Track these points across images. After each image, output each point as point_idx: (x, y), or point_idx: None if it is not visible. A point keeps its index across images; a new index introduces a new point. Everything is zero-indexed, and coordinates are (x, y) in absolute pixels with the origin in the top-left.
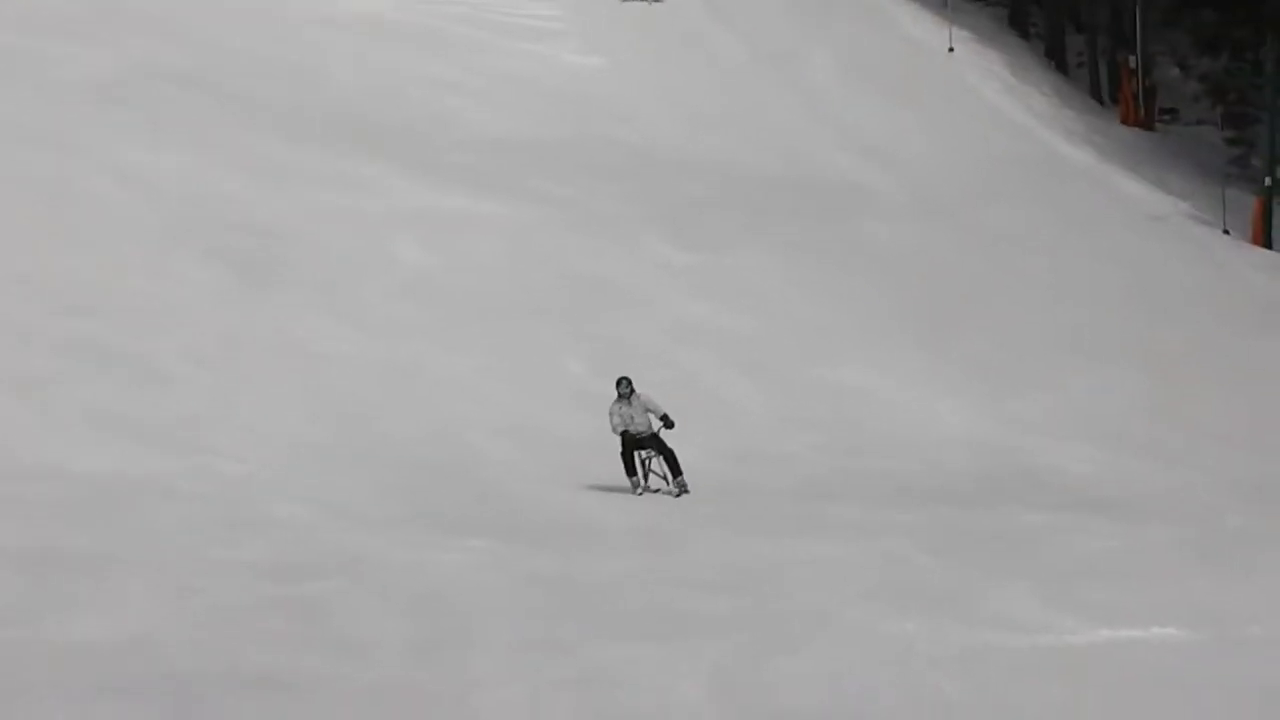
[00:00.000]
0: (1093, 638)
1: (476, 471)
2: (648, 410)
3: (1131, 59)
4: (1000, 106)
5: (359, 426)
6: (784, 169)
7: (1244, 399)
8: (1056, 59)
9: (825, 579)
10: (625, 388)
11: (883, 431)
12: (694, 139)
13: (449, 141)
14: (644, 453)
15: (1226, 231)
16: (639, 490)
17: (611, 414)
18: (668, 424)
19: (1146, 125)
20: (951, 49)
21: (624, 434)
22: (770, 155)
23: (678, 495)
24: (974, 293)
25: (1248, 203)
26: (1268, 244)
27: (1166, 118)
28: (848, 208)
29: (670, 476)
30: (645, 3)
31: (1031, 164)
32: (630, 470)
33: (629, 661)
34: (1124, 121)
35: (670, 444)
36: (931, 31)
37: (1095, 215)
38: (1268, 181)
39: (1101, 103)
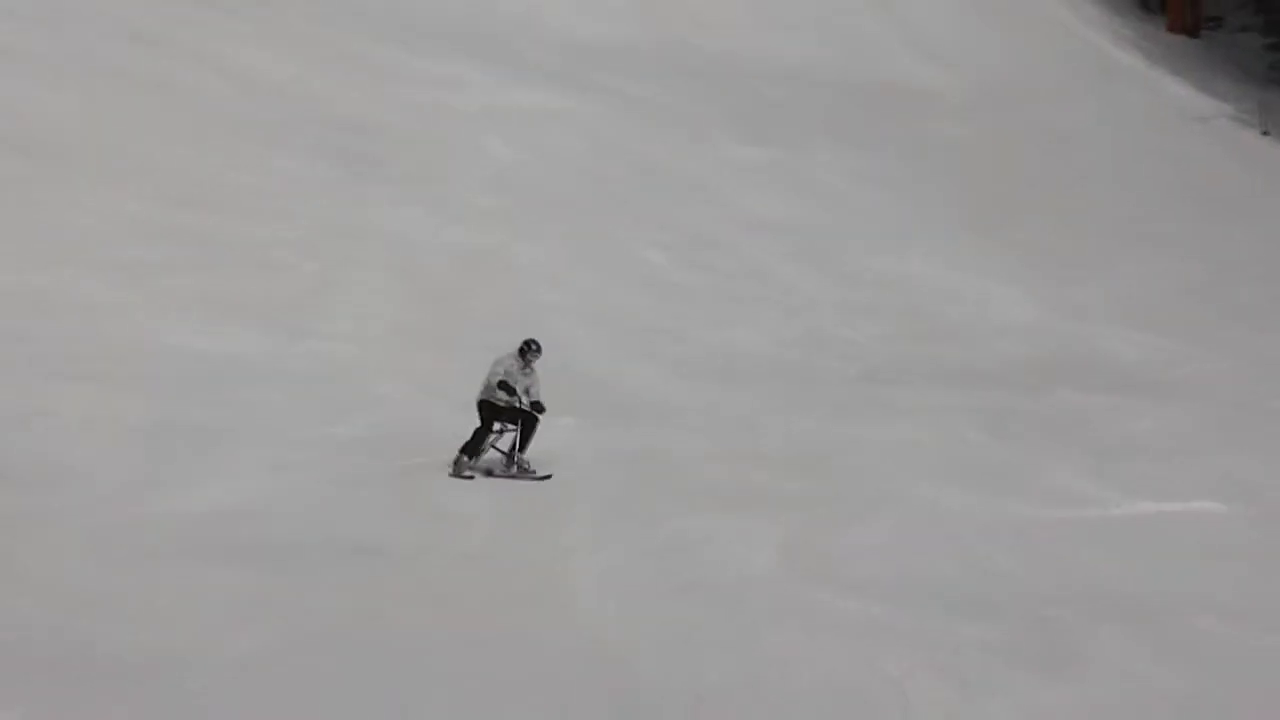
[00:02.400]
0: (1136, 510)
1: (562, 354)
2: (528, 387)
3: None
4: (1055, 14)
5: (451, 312)
6: (854, 72)
7: None
8: None
9: (889, 458)
10: (534, 353)
11: (944, 319)
12: (770, 43)
13: (536, 44)
14: (500, 426)
15: (1266, 133)
16: (462, 469)
17: (499, 368)
18: (538, 409)
19: (1192, 33)
20: None
21: (486, 402)
22: (842, 59)
23: (504, 472)
24: (1032, 186)
25: None
26: None
27: (1211, 25)
28: (914, 107)
29: (510, 456)
30: None
31: (1085, 67)
32: (476, 446)
33: (708, 532)
34: (1171, 29)
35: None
36: None
37: (1145, 115)
38: None
39: (1150, 11)
